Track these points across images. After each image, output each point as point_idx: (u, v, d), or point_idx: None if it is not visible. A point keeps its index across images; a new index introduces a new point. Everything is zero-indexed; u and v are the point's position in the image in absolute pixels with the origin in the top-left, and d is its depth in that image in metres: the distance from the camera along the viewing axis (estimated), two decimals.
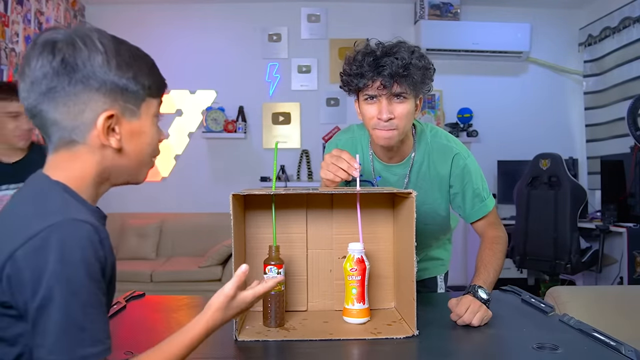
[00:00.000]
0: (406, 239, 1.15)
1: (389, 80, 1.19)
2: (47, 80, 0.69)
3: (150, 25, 4.17)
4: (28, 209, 0.67)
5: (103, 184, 0.76)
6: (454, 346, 1.09)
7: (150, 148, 0.79)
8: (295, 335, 1.10)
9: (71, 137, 0.72)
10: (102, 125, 0.71)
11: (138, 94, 0.74)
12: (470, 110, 4.26)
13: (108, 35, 0.73)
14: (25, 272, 0.61)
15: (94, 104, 0.71)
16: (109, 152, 0.74)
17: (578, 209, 3.15)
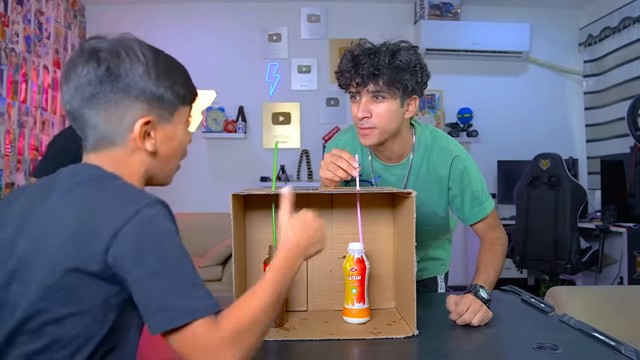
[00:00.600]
0: (406, 239, 1.15)
1: (364, 78, 1.22)
2: (91, 87, 0.74)
3: (150, 25, 4.17)
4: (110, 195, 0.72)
5: (144, 183, 0.82)
6: (454, 346, 1.09)
7: (180, 150, 0.85)
8: (295, 335, 1.10)
9: (112, 139, 0.77)
10: (139, 130, 0.77)
11: (173, 102, 0.80)
12: (470, 110, 4.26)
13: (147, 46, 0.79)
14: (134, 245, 0.67)
15: (132, 111, 0.76)
16: (145, 155, 0.80)
17: (578, 209, 3.15)
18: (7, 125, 3.08)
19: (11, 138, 3.13)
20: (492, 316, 1.17)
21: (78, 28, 4.09)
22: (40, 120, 3.50)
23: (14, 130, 3.17)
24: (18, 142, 3.22)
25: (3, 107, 3.04)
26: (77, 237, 0.68)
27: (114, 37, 0.79)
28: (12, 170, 3.14)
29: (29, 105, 3.34)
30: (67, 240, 0.68)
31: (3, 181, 3.04)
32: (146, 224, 0.69)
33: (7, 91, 3.08)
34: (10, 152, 3.12)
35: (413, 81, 1.24)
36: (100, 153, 0.78)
